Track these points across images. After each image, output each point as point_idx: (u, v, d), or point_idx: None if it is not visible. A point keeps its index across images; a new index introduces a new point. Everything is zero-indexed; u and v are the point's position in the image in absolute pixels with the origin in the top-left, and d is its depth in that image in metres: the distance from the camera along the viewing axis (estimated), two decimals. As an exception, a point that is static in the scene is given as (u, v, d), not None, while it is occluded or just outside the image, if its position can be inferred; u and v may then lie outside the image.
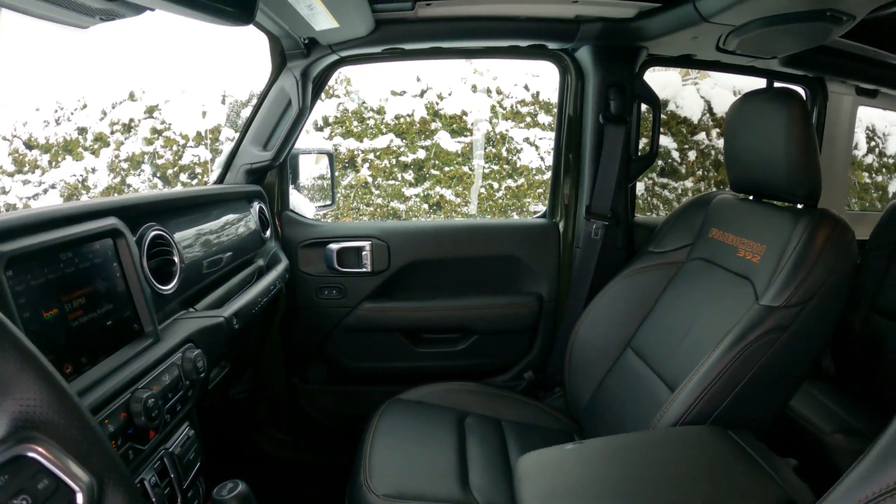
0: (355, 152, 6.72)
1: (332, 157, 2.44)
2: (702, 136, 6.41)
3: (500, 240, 2.29)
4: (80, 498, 0.54)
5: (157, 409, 1.03)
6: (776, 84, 2.66)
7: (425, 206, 6.75)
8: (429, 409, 1.87)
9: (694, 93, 6.32)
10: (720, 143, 6.36)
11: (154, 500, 1.04)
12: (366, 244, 2.23)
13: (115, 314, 1.11)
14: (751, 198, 1.73)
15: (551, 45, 2.16)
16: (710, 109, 6.37)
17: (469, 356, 2.33)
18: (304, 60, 1.99)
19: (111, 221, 1.15)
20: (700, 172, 6.47)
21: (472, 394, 1.98)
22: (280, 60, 2.02)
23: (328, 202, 2.46)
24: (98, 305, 1.07)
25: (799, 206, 1.55)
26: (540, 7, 1.88)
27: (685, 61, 2.27)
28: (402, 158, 6.73)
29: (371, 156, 6.73)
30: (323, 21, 1.70)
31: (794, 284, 1.37)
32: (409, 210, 6.73)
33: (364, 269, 2.24)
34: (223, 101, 6.72)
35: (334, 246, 2.22)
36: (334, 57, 2.03)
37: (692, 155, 6.33)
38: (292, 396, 2.37)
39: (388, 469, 1.55)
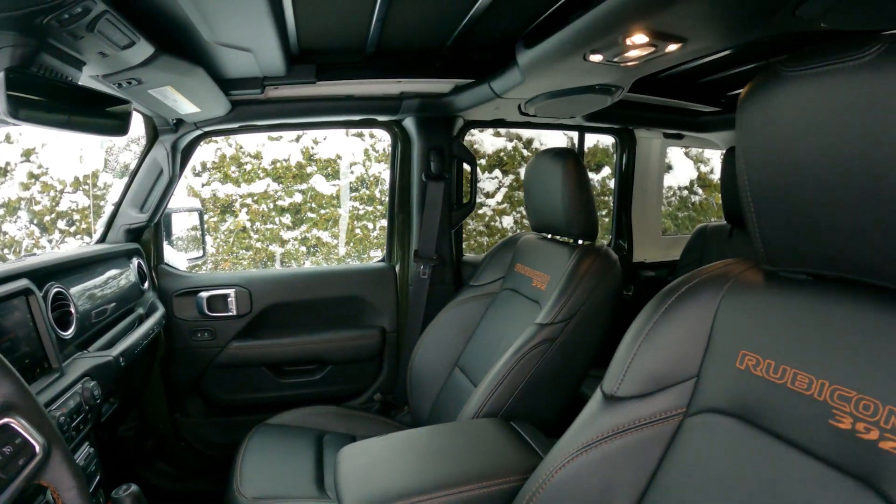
0: (233, 197, 6.82)
1: (201, 213, 2.70)
2: None
3: (346, 283, 2.61)
4: (37, 449, 0.91)
5: (66, 425, 1.33)
6: (587, 135, 3.13)
7: (303, 248, 6.92)
8: (292, 430, 2.13)
9: (560, 135, 6.91)
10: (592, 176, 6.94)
11: None
12: (230, 291, 2.47)
13: (30, 354, 1.40)
14: (549, 236, 2.12)
15: (380, 118, 2.51)
16: (573, 144, 6.93)
17: (326, 384, 2.62)
18: (173, 135, 2.27)
19: (24, 283, 1.44)
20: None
21: (331, 416, 2.26)
22: (153, 135, 2.28)
23: (200, 254, 2.69)
24: (18, 348, 1.36)
25: (580, 241, 1.93)
26: (369, 87, 2.20)
27: (499, 123, 2.68)
28: (280, 202, 6.87)
29: (249, 200, 6.84)
30: (186, 107, 1.99)
31: (559, 305, 1.75)
32: (287, 253, 6.87)
33: (230, 313, 2.47)
34: (101, 145, 6.67)
35: (204, 294, 2.45)
36: (199, 132, 2.31)
37: None
38: (175, 430, 2.55)
39: (256, 477, 1.80)
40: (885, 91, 0.73)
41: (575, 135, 6.59)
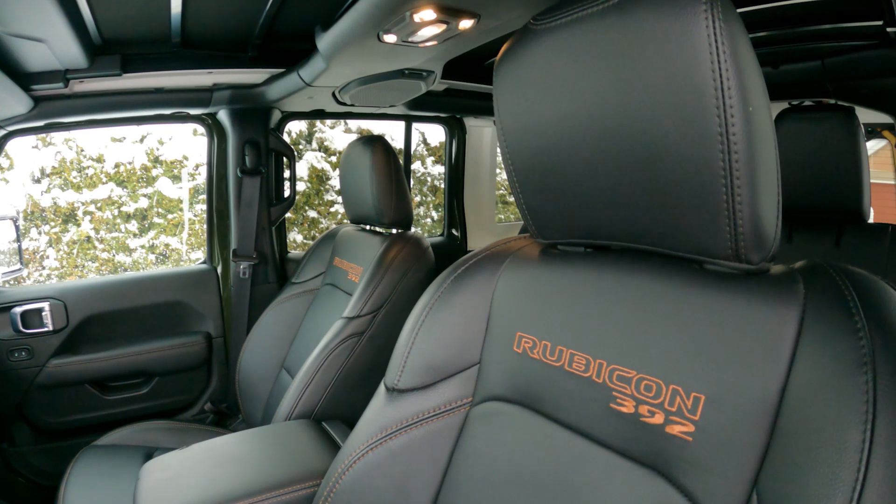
0: (75, 205, 6.41)
1: (14, 221, 2.46)
2: (417, 164, 6.98)
3: (166, 288, 2.46)
4: None
5: None
6: (415, 124, 3.11)
7: (152, 256, 6.61)
8: (119, 450, 1.96)
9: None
10: (435, 169, 6.97)
11: None
12: (44, 304, 2.27)
13: None
14: (367, 228, 2.08)
15: (192, 111, 2.38)
16: (424, 140, 6.94)
17: (155, 397, 2.45)
18: None
19: None
20: (418, 198, 7.03)
21: (161, 431, 2.12)
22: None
23: (17, 267, 2.47)
24: None
25: (393, 230, 1.91)
26: (179, 79, 2.07)
27: (319, 114, 2.61)
28: (125, 208, 6.51)
29: (92, 207, 6.44)
30: (-20, 105, 1.78)
31: (365, 297, 1.71)
32: (135, 262, 6.54)
33: (46, 329, 2.28)
34: None
35: (18, 309, 2.25)
36: (2, 132, 2.11)
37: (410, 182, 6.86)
38: (4, 460, 2.33)
39: None
40: (633, 30, 0.68)
41: (427, 127, 6.80)
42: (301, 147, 7.03)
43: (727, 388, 0.69)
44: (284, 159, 2.59)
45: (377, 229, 2.05)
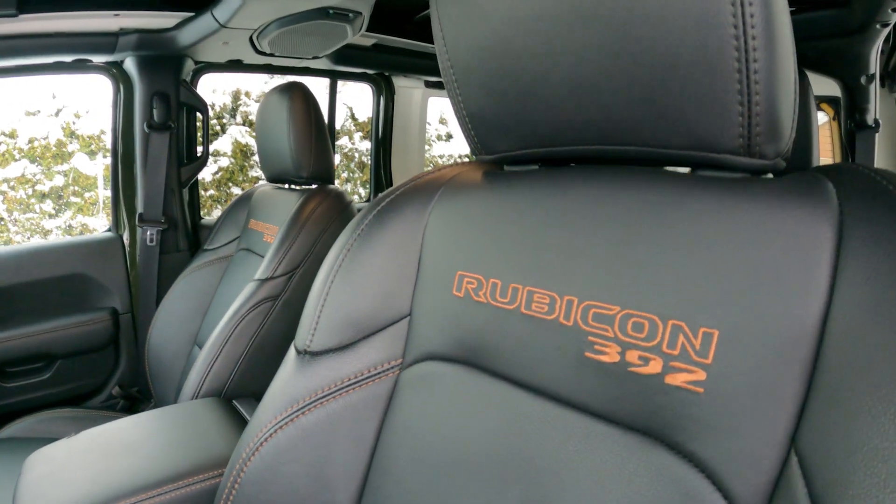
0: None
1: None
2: (344, 140, 6.80)
3: (67, 259, 2.20)
4: None
5: None
6: (340, 82, 2.91)
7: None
8: (19, 444, 1.74)
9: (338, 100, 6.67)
10: (363, 145, 6.78)
11: None
12: None
13: None
14: (287, 186, 1.88)
15: (96, 59, 2.13)
16: (352, 115, 6.74)
17: (59, 383, 2.21)
18: None
19: None
20: (345, 175, 6.84)
21: (66, 421, 1.90)
22: None
23: None
24: None
25: (314, 186, 1.72)
26: (82, 22, 1.84)
27: (236, 66, 2.38)
28: (40, 187, 6.11)
29: (4, 186, 6.03)
30: None
31: (279, 256, 1.52)
32: (52, 243, 6.18)
33: None
34: None
35: None
36: None
37: (336, 158, 6.68)
38: None
39: None
40: None
41: (356, 102, 6.57)
42: (225, 121, 6.72)
43: (749, 319, 0.52)
44: (198, 115, 2.35)
45: (295, 187, 1.86)
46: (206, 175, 6.43)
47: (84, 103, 6.26)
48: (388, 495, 0.77)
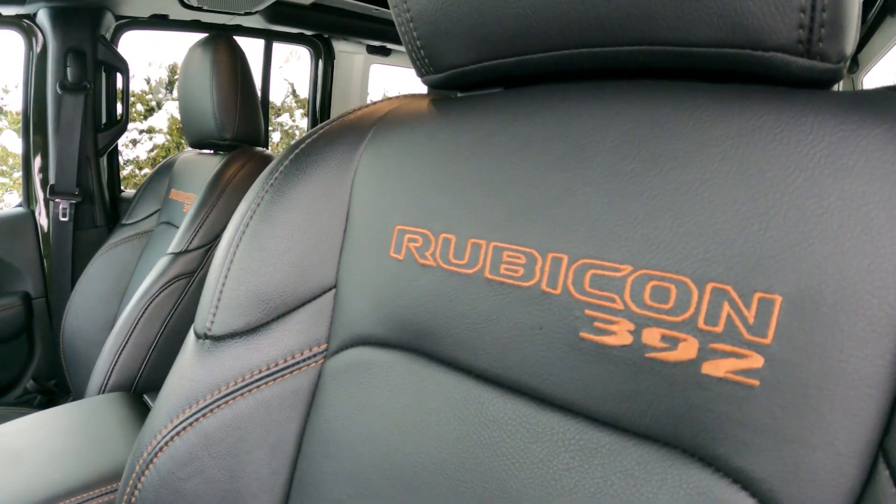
0: None
1: None
2: (285, 117, 6.62)
3: None
4: None
5: None
6: (276, 43, 2.71)
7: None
8: None
9: (278, 76, 6.51)
10: (303, 122, 6.63)
11: None
12: None
13: None
14: (210, 152, 1.70)
15: (5, 11, 1.88)
16: (293, 91, 6.60)
17: None
18: None
19: None
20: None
21: None
22: None
23: None
24: None
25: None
26: None
27: (161, 22, 2.16)
28: None
29: None
30: None
31: (195, 226, 1.34)
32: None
33: None
34: None
35: None
36: None
37: (276, 136, 6.55)
38: None
39: None
40: None
41: (296, 78, 6.33)
42: (161, 96, 6.46)
43: (825, 279, 0.35)
44: (118, 76, 2.12)
45: (221, 152, 1.67)
46: (141, 153, 6.24)
47: (13, 77, 5.94)
48: None
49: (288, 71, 6.48)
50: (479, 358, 0.49)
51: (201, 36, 1.64)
